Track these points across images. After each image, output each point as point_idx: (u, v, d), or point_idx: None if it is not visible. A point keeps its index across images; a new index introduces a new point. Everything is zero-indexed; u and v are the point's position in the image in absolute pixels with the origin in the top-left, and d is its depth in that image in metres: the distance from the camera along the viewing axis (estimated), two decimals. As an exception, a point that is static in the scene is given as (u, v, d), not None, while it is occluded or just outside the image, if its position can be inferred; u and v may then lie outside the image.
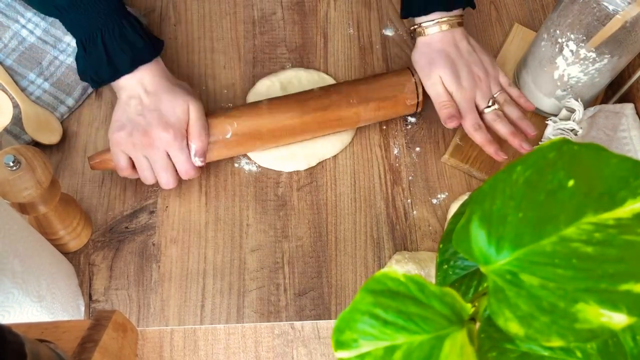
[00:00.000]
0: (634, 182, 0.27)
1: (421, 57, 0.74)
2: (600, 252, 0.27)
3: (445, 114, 0.71)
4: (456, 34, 0.73)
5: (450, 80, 0.71)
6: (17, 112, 0.74)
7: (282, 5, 0.86)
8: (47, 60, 0.76)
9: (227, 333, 0.67)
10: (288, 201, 0.73)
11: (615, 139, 0.74)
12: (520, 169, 0.29)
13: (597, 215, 0.27)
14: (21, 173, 0.55)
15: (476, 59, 0.73)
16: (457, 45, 0.73)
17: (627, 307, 0.26)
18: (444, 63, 0.72)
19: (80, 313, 0.65)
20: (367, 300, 0.29)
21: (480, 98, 0.72)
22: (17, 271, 0.50)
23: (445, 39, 0.73)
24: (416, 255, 0.70)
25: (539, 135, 0.78)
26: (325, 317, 0.68)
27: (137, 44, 0.66)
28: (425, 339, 0.29)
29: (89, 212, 0.71)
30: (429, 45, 0.74)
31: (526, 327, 0.27)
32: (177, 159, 0.67)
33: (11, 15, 0.77)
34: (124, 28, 0.66)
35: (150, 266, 0.69)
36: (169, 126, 0.66)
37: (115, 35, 0.65)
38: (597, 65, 0.69)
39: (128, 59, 0.66)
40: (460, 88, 0.71)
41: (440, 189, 0.75)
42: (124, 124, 0.66)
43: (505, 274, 0.28)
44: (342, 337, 0.29)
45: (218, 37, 0.83)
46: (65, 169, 0.73)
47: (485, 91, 0.72)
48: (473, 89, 0.72)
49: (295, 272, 0.70)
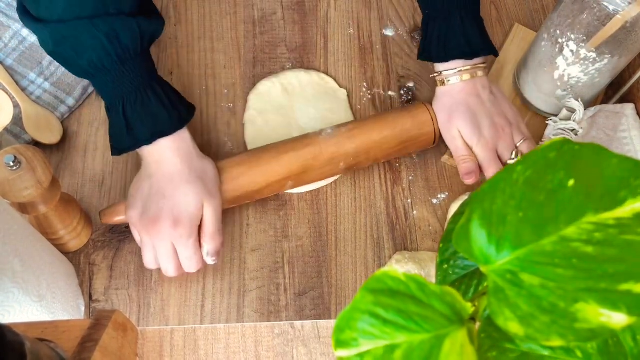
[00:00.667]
0: (634, 182, 0.27)
1: (442, 110, 0.71)
2: (601, 252, 0.27)
3: (464, 169, 0.69)
4: (478, 83, 0.70)
5: (470, 133, 0.69)
6: (18, 112, 0.74)
7: (282, 5, 0.86)
8: (47, 60, 0.76)
9: (227, 333, 0.67)
10: (288, 201, 0.73)
11: (615, 139, 0.74)
12: (521, 169, 0.29)
13: (598, 215, 0.27)
14: (21, 173, 0.55)
15: (499, 109, 0.70)
16: (479, 95, 0.70)
17: (627, 307, 0.26)
18: (464, 116, 0.69)
19: (81, 313, 0.65)
20: (368, 299, 0.29)
21: (503, 149, 0.69)
22: (17, 271, 0.50)
23: (466, 89, 0.70)
24: (416, 255, 0.70)
25: (539, 135, 0.78)
26: (325, 317, 0.68)
27: (159, 115, 0.63)
28: (425, 338, 0.29)
29: (89, 212, 0.71)
30: (450, 95, 0.71)
31: (526, 327, 0.27)
32: (182, 255, 0.63)
33: (11, 15, 0.78)
34: (147, 97, 0.63)
35: (151, 266, 0.69)
36: (179, 222, 0.62)
37: (137, 105, 0.62)
38: (597, 65, 0.69)
39: (148, 131, 0.63)
40: (481, 139, 0.68)
41: (440, 189, 0.75)
42: (138, 201, 0.64)
43: (506, 273, 0.28)
44: (342, 336, 0.29)
45: (218, 37, 0.83)
46: (65, 169, 0.73)
47: (508, 142, 0.69)
48: (495, 139, 0.69)
49: (296, 272, 0.70)
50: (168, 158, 0.63)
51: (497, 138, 0.69)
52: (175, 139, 0.64)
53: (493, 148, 0.69)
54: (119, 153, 0.65)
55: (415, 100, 0.80)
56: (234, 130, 0.77)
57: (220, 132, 0.77)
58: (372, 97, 0.80)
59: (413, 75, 0.82)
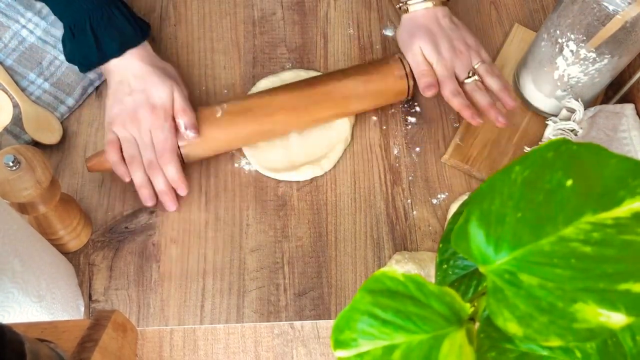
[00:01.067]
0: (633, 182, 0.27)
1: (403, 32, 0.76)
2: (599, 252, 0.27)
3: (424, 83, 0.73)
4: (439, 11, 0.75)
5: (430, 51, 0.73)
6: (17, 112, 0.74)
7: (282, 5, 0.86)
8: (47, 60, 0.76)
9: (227, 333, 0.67)
10: (288, 201, 0.73)
11: (615, 139, 0.74)
12: (519, 169, 0.29)
13: (596, 215, 0.27)
14: (21, 173, 0.55)
15: (458, 34, 0.75)
16: (440, 22, 0.75)
17: (626, 307, 0.26)
18: (425, 35, 0.74)
19: (80, 313, 0.65)
20: (367, 299, 0.29)
21: (460, 69, 0.73)
22: (17, 271, 0.50)
23: (428, 15, 0.75)
24: (416, 255, 0.70)
25: (539, 136, 0.78)
26: (325, 317, 0.68)
27: (125, 29, 0.70)
28: (424, 339, 0.29)
29: (89, 212, 0.71)
30: (412, 20, 0.76)
31: (525, 327, 0.27)
32: (157, 139, 0.69)
33: (11, 15, 0.78)
34: (113, 14, 0.69)
35: (150, 266, 0.69)
36: (155, 108, 0.69)
37: (104, 22, 0.69)
38: (597, 65, 0.69)
39: (116, 45, 0.69)
40: (440, 58, 0.73)
41: (440, 189, 0.75)
42: (115, 105, 0.70)
43: (504, 273, 0.28)
44: (341, 337, 0.29)
45: (218, 37, 0.83)
46: (65, 169, 0.73)
47: (465, 63, 0.74)
48: (453, 59, 0.73)
49: (295, 272, 0.70)
50: (135, 65, 0.70)
51: (455, 58, 0.73)
52: (140, 50, 0.71)
53: (451, 67, 0.73)
54: (88, 69, 0.72)
55: (416, 100, 0.80)
56: (233, 130, 0.77)
57: (220, 132, 0.77)
58: (371, 97, 0.80)
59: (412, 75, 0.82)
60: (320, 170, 0.74)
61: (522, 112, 0.80)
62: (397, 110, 0.80)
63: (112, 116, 0.70)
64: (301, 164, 0.74)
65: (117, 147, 0.69)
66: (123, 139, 0.69)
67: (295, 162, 0.75)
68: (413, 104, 0.80)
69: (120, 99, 0.70)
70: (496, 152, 0.77)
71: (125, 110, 0.69)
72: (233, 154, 0.75)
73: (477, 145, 0.77)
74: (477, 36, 0.77)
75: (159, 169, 0.69)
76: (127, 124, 0.69)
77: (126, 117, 0.69)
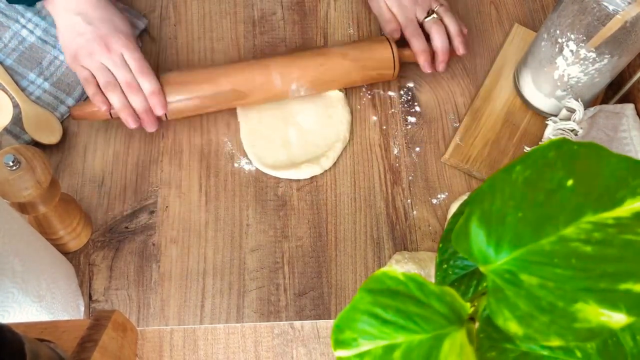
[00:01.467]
0: (633, 181, 0.27)
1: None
2: (600, 252, 0.27)
3: (388, 29, 0.79)
4: None
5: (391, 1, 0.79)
6: (17, 112, 0.74)
7: (282, 5, 0.86)
8: (47, 60, 0.76)
9: (227, 333, 0.67)
10: (288, 201, 0.73)
11: (615, 139, 0.74)
12: (520, 169, 0.29)
13: (597, 214, 0.27)
14: (21, 173, 0.55)
15: None
16: None
17: (627, 307, 0.26)
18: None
19: (80, 313, 0.65)
20: (367, 299, 0.29)
21: (420, 12, 0.79)
22: (17, 271, 0.50)
23: None
24: (416, 255, 0.70)
25: (539, 136, 0.78)
26: (325, 317, 0.68)
27: None
28: (424, 338, 0.29)
29: (89, 212, 0.71)
30: None
31: (525, 327, 0.27)
32: (132, 57, 0.68)
33: (11, 15, 0.78)
34: None
35: (150, 266, 0.69)
36: (122, 32, 0.69)
37: None
38: (597, 65, 0.69)
39: None
40: (400, 6, 0.79)
41: (440, 189, 0.75)
42: (75, 38, 0.69)
43: (505, 273, 0.28)
44: (341, 336, 0.29)
45: (218, 37, 0.83)
46: (65, 169, 0.73)
47: (425, 7, 0.79)
48: (413, 6, 0.79)
49: (295, 272, 0.70)
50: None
51: (415, 4, 0.79)
52: None
53: (412, 12, 0.79)
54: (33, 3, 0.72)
55: (416, 100, 0.80)
56: (233, 130, 0.77)
57: (220, 132, 0.77)
58: (371, 97, 0.80)
59: (413, 75, 0.82)
60: (320, 168, 0.74)
61: (522, 112, 0.80)
62: (397, 110, 0.80)
63: (74, 49, 0.69)
64: (301, 162, 0.74)
65: (94, 82, 0.69)
66: (95, 70, 0.68)
67: (294, 160, 0.75)
68: (413, 103, 0.80)
69: (78, 31, 0.69)
70: (496, 151, 0.77)
71: (90, 40, 0.68)
72: (233, 153, 0.75)
73: (477, 145, 0.77)
74: None
75: (137, 87, 0.69)
76: (95, 52, 0.68)
77: (93, 46, 0.68)
